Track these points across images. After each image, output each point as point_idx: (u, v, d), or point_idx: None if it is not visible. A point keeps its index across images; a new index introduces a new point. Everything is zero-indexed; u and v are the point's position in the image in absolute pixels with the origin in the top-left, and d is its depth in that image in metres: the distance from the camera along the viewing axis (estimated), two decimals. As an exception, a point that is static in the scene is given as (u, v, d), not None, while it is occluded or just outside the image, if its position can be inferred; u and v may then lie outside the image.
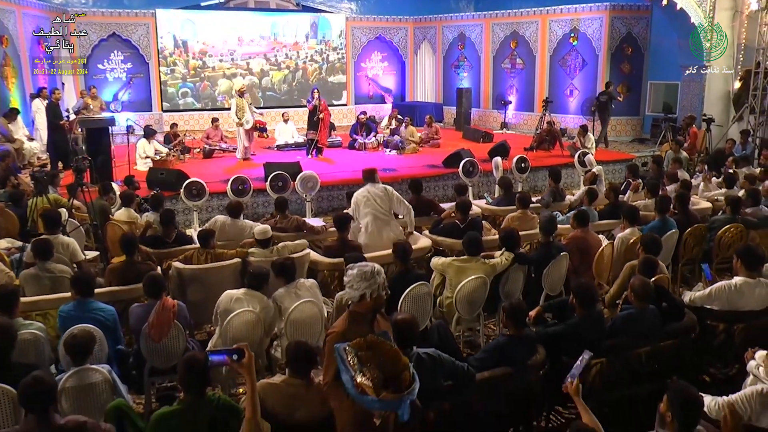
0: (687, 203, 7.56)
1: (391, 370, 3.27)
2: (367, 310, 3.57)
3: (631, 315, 4.68)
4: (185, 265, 6.18)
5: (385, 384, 3.21)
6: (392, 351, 3.36)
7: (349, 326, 3.51)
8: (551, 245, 6.17)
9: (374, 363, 3.25)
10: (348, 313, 3.60)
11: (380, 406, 3.18)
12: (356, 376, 3.18)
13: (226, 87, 19.16)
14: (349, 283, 3.52)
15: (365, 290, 3.49)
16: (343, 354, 3.27)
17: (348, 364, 3.23)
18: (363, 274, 3.49)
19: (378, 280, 3.51)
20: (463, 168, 11.28)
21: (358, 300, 3.52)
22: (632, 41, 16.69)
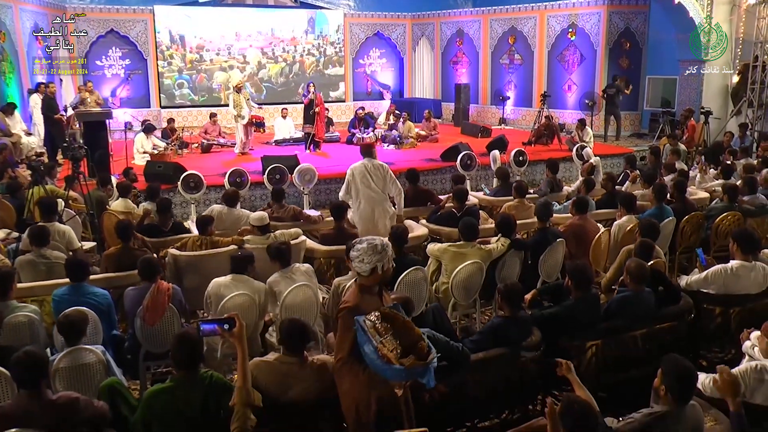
0: (684, 191, 7.55)
1: (408, 340, 3.30)
2: (375, 284, 3.56)
3: (626, 297, 4.67)
4: (181, 252, 6.17)
5: (405, 354, 3.23)
6: (406, 322, 3.39)
7: (361, 299, 3.50)
8: (547, 231, 6.16)
9: (391, 334, 3.28)
10: (357, 287, 3.58)
11: (407, 375, 3.20)
12: (380, 346, 3.20)
13: (222, 78, 19.15)
14: (359, 258, 3.49)
15: (376, 263, 3.47)
16: (363, 325, 3.28)
17: (370, 335, 3.24)
18: (373, 247, 3.48)
19: (387, 253, 3.51)
20: (460, 161, 11.28)
21: (369, 273, 3.50)
22: (630, 36, 16.67)
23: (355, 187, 7.33)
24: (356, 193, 7.32)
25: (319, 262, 6.63)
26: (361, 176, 7.31)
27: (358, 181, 7.32)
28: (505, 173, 8.88)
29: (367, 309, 3.40)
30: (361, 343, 3.28)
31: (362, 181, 7.30)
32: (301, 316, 5.04)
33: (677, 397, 3.10)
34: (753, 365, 3.62)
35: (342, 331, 3.48)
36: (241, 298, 4.94)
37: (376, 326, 3.27)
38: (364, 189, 7.28)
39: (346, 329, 3.43)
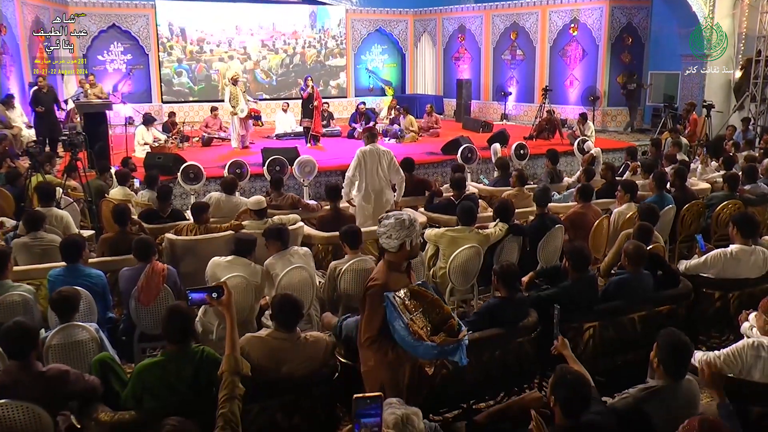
0: (685, 179, 7.50)
1: (437, 317, 3.27)
2: (403, 260, 3.52)
3: (624, 279, 4.63)
4: (177, 237, 6.14)
5: (435, 332, 3.21)
6: (435, 299, 3.37)
7: (389, 276, 3.44)
8: (546, 217, 6.12)
9: (420, 311, 3.26)
10: (385, 264, 3.53)
11: (439, 351, 3.16)
12: (411, 323, 3.16)
13: (222, 68, 19.12)
14: (387, 233, 3.45)
15: (404, 239, 3.42)
16: (394, 301, 3.24)
17: (400, 312, 3.20)
18: (401, 222, 3.43)
19: (416, 228, 3.47)
20: (461, 154, 11.25)
21: (398, 249, 3.45)
22: (632, 31, 16.62)
23: (362, 170, 7.40)
24: (362, 176, 7.36)
25: (316, 248, 6.60)
26: (371, 159, 7.40)
27: (368, 163, 7.40)
28: (505, 164, 8.85)
29: (396, 286, 3.37)
30: (391, 319, 3.24)
31: (371, 164, 7.37)
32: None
33: (671, 371, 3.06)
34: (750, 342, 3.58)
35: (370, 309, 3.42)
36: (237, 280, 4.89)
37: (406, 303, 3.24)
38: (371, 172, 7.39)
39: (375, 307, 3.37)
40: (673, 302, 4.86)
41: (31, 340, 3.25)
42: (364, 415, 2.00)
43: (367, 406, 2.02)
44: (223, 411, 2.83)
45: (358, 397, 1.97)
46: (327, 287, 5.24)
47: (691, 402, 3.14)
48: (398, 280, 3.44)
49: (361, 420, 2.00)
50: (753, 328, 4.02)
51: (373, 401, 2.00)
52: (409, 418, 2.59)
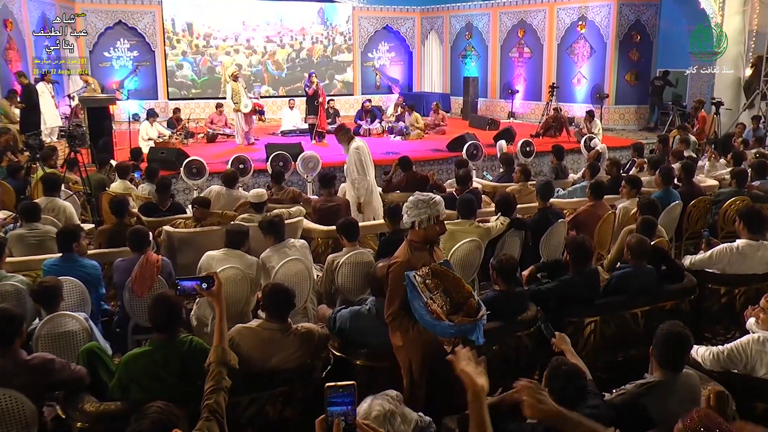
0: (692, 174, 7.36)
1: (458, 297, 3.31)
2: (422, 240, 3.54)
3: (627, 273, 4.53)
4: (175, 229, 6.08)
5: (455, 311, 3.23)
6: (456, 279, 3.41)
7: (411, 255, 3.49)
8: (548, 211, 6.02)
9: (441, 290, 3.29)
10: (407, 243, 3.58)
11: (456, 331, 3.19)
12: (429, 302, 3.19)
13: (227, 62, 19.04)
14: (405, 210, 3.56)
15: (414, 218, 3.49)
16: (414, 281, 3.28)
17: (420, 291, 3.24)
18: (416, 202, 3.51)
19: (430, 209, 3.48)
20: (466, 151, 11.19)
21: (410, 227, 3.54)
22: (641, 28, 16.43)
23: (365, 165, 7.44)
24: (367, 170, 7.41)
25: (316, 242, 6.52)
26: (369, 153, 7.46)
27: (368, 157, 7.44)
28: (509, 160, 8.75)
29: (417, 265, 3.42)
30: (411, 298, 3.28)
31: (369, 157, 7.45)
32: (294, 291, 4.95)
33: (666, 363, 2.96)
34: (755, 337, 3.47)
35: (392, 287, 3.47)
36: (232, 271, 4.83)
37: (426, 282, 3.28)
38: (370, 166, 7.47)
39: (396, 285, 3.43)
40: (677, 297, 4.75)
41: (16, 327, 3.18)
42: (333, 404, 1.93)
43: (337, 395, 1.94)
44: (209, 402, 2.74)
45: (329, 385, 1.89)
46: (324, 280, 5.16)
47: (692, 397, 3.03)
48: (420, 259, 3.47)
49: (328, 409, 1.92)
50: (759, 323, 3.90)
51: (345, 390, 1.92)
52: (393, 414, 2.53)
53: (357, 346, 3.81)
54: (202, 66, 19.00)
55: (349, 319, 3.79)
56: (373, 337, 3.79)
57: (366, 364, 3.79)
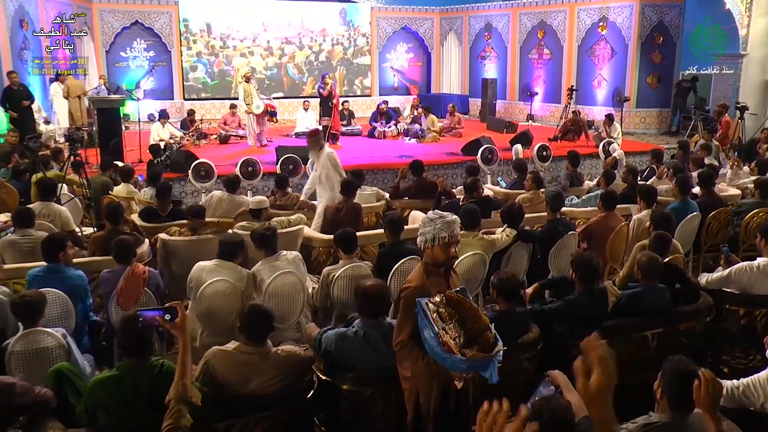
0: (711, 183, 7.00)
1: (474, 328, 3.08)
2: (437, 263, 3.32)
3: (637, 293, 4.24)
4: (170, 237, 5.90)
5: (469, 344, 3.02)
6: (473, 309, 3.16)
7: (426, 279, 3.29)
8: (558, 222, 5.73)
9: (455, 321, 3.07)
10: (422, 266, 3.36)
11: (468, 366, 2.99)
12: (441, 333, 2.99)
13: (241, 63, 18.93)
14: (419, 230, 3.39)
15: (423, 236, 3.31)
16: (426, 308, 3.06)
17: (431, 320, 3.02)
18: (425, 220, 3.32)
19: (433, 229, 3.25)
20: (481, 155, 10.93)
21: (422, 247, 3.34)
22: (664, 30, 15.99)
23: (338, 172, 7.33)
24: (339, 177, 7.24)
25: (317, 251, 6.31)
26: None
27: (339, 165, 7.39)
28: (522, 165, 8.44)
29: (432, 291, 3.19)
30: (422, 327, 3.08)
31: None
32: (287, 305, 4.75)
33: (674, 403, 2.68)
34: (773, 372, 3.17)
35: (403, 313, 3.26)
36: (222, 284, 4.63)
37: (440, 311, 3.08)
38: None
39: (407, 312, 3.21)
40: (691, 319, 4.45)
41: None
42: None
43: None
44: None
45: None
46: (319, 294, 4.95)
47: (701, 439, 2.75)
48: (435, 284, 3.26)
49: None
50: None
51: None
52: None
53: (343, 370, 3.57)
54: (216, 68, 18.92)
55: (335, 342, 3.56)
56: (361, 361, 3.55)
57: (353, 388, 3.55)
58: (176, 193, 10.34)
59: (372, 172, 11.37)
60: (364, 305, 3.55)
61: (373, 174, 11.38)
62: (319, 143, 7.44)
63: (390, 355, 3.52)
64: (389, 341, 3.54)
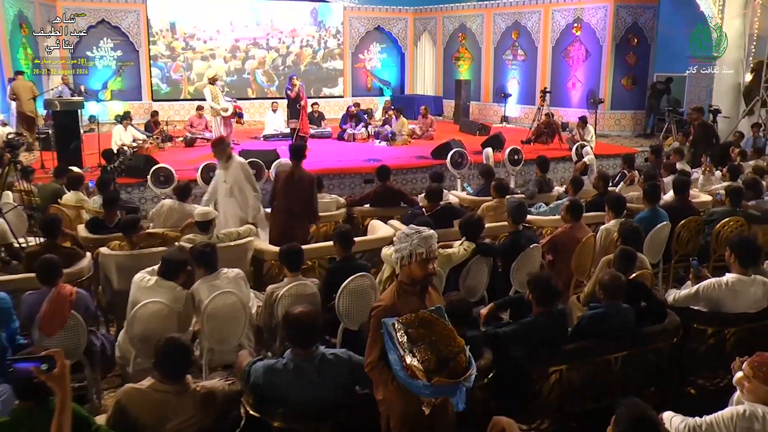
0: (684, 191, 6.77)
1: (446, 351, 2.86)
2: (410, 281, 3.09)
3: (598, 315, 3.96)
4: (111, 251, 5.53)
5: (438, 367, 2.81)
6: (447, 330, 2.93)
7: (398, 299, 3.08)
8: (520, 234, 5.43)
9: (426, 343, 2.86)
10: (396, 285, 3.14)
11: (432, 392, 2.78)
12: (405, 356, 2.82)
13: (202, 68, 18.43)
14: (394, 246, 3.17)
15: (398, 254, 3.07)
16: (391, 330, 2.90)
17: (397, 342, 2.87)
18: (401, 235, 3.08)
19: (410, 245, 3.02)
20: (451, 159, 10.66)
21: (398, 265, 3.11)
22: (638, 31, 15.83)
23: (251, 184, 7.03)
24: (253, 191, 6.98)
25: (269, 264, 5.98)
26: None
27: (252, 176, 7.15)
28: (489, 171, 8.14)
29: (403, 311, 2.98)
30: (387, 349, 2.92)
31: None
32: (227, 328, 4.42)
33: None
34: (740, 411, 2.90)
35: (372, 334, 3.08)
36: (157, 306, 4.28)
37: (409, 332, 2.88)
38: None
39: (377, 332, 3.02)
40: (657, 340, 4.19)
41: None
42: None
43: None
44: None
45: None
46: (264, 313, 4.62)
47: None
48: (407, 304, 3.05)
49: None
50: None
51: None
52: None
53: (274, 405, 3.25)
54: (173, 72, 18.40)
55: (263, 374, 3.23)
56: (292, 395, 3.23)
57: (284, 425, 3.24)
58: (135, 199, 9.98)
59: (338, 176, 11.05)
60: (293, 335, 3.24)
61: (340, 178, 11.06)
62: (226, 152, 6.94)
63: (325, 386, 3.21)
64: (324, 372, 3.24)
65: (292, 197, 6.58)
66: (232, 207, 6.83)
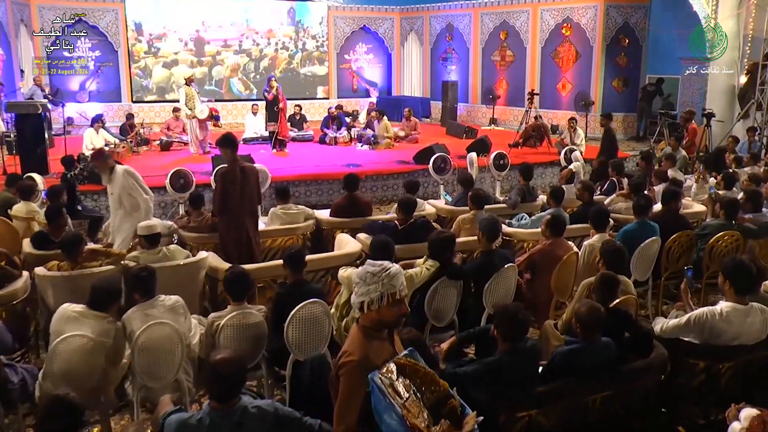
0: (675, 202, 6.30)
1: (433, 398, 2.56)
2: (377, 325, 2.68)
3: (573, 351, 3.48)
4: (47, 272, 5.03)
5: (435, 420, 2.49)
6: (427, 373, 2.62)
7: (370, 348, 2.64)
8: (494, 254, 4.93)
9: (412, 393, 2.53)
10: (360, 331, 2.69)
11: None
12: (408, 415, 2.43)
13: (161, 77, 17.88)
14: (354, 288, 2.73)
15: (363, 297, 2.64)
16: (382, 386, 2.49)
17: (392, 400, 2.48)
18: (364, 275, 2.67)
19: (380, 285, 2.62)
20: (433, 164, 10.18)
21: (360, 309, 2.68)
22: (629, 32, 15.39)
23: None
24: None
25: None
26: None
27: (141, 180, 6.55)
28: (468, 179, 7.64)
29: (378, 361, 2.58)
30: (380, 410, 2.47)
31: None
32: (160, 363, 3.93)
33: None
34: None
35: (345, 396, 2.59)
36: (80, 341, 3.79)
37: (395, 385, 2.52)
38: None
39: (352, 390, 2.56)
40: (642, 377, 3.72)
41: None
42: None
43: None
44: None
45: None
46: (205, 345, 4.13)
47: None
48: (379, 351, 2.65)
49: None
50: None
51: None
52: None
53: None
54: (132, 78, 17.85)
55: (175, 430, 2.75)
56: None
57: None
58: (102, 208, 9.49)
59: (315, 182, 10.58)
60: (212, 385, 2.75)
61: (317, 184, 10.59)
62: (107, 164, 6.39)
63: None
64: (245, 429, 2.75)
65: (241, 194, 6.17)
66: (121, 217, 6.37)
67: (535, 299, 5.27)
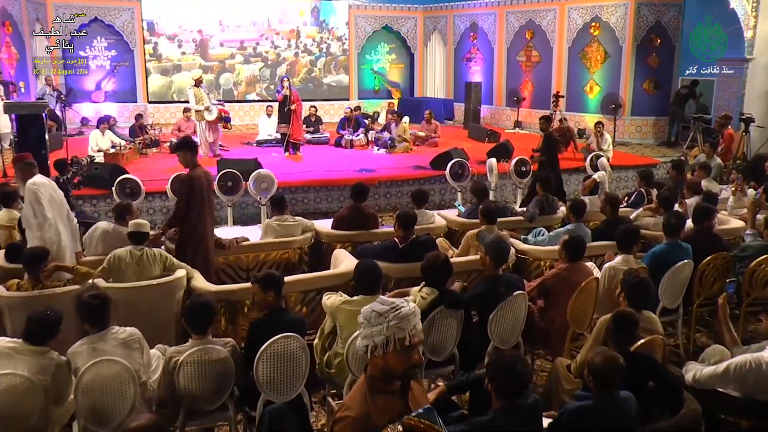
0: (708, 221, 5.64)
1: None
2: (384, 374, 2.31)
3: (585, 410, 2.89)
4: (7, 293, 4.57)
5: None
6: None
7: (372, 404, 2.30)
8: (499, 280, 4.33)
9: None
10: (366, 382, 2.35)
11: None
12: None
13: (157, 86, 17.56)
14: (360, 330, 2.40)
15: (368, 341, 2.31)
16: None
17: None
18: (369, 315, 2.34)
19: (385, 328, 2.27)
20: (450, 170, 9.63)
21: (368, 356, 2.34)
22: (661, 31, 14.59)
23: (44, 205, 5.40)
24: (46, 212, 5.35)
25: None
26: (54, 188, 5.64)
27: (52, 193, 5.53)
28: (482, 189, 7.02)
29: (382, 420, 2.23)
30: None
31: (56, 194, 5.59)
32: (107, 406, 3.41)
33: None
34: None
35: None
36: (11, 380, 3.29)
37: None
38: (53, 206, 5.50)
39: None
40: (670, 438, 3.11)
41: None
42: None
43: None
44: None
45: None
46: (162, 383, 3.62)
47: None
48: (386, 408, 2.29)
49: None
50: None
51: None
52: None
53: None
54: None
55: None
56: None
57: None
58: (101, 214, 9.11)
59: (325, 188, 10.06)
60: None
61: (327, 191, 10.06)
62: (24, 173, 5.53)
63: None
64: None
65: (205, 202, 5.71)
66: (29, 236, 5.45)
67: (549, 329, 4.67)
